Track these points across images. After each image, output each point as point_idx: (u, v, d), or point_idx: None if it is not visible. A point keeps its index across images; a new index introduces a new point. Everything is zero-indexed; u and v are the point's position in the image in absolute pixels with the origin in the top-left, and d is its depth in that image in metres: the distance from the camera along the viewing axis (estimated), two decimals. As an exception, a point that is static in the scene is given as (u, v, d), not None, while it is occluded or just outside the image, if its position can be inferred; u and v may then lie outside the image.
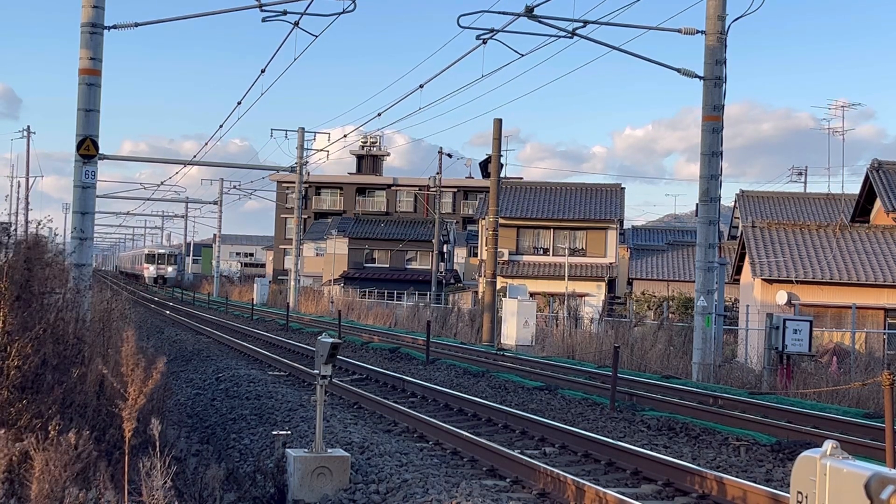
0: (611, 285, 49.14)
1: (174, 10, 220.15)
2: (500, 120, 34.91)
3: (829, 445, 3.95)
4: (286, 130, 50.16)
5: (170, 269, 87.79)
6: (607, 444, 10.98)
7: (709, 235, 21.25)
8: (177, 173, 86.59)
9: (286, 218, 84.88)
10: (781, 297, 28.12)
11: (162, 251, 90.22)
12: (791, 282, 28.77)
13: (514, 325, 30.33)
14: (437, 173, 57.94)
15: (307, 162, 50.48)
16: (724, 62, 21.16)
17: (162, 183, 66.06)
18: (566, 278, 45.92)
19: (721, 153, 21.29)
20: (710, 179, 21.13)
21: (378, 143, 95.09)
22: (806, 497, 3.96)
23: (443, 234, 59.79)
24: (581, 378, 19.40)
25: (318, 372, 9.15)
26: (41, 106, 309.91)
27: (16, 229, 9.74)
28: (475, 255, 64.20)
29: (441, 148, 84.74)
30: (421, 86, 27.27)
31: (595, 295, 47.04)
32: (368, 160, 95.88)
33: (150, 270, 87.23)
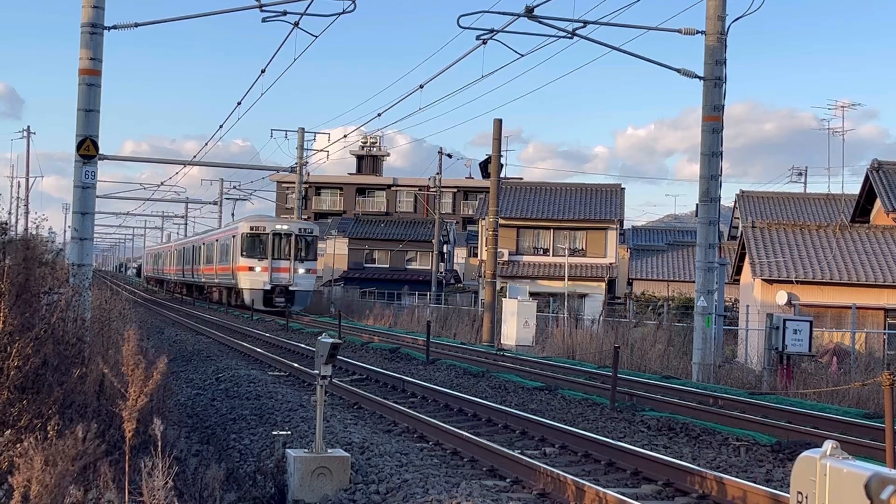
0: (611, 286, 49.14)
1: (174, 11, 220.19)
2: (500, 120, 34.93)
3: (829, 446, 3.96)
4: (286, 131, 50.17)
5: (301, 270, 43.03)
6: (607, 444, 10.98)
7: (709, 236, 21.26)
8: (177, 173, 63.94)
9: (286, 218, 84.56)
10: (781, 297, 28.13)
11: (284, 228, 43.50)
12: (791, 282, 28.78)
13: (514, 326, 30.32)
14: (437, 173, 57.94)
15: (307, 162, 50.47)
16: (725, 62, 21.17)
17: (162, 183, 65.80)
18: (566, 278, 45.91)
19: (721, 153, 21.30)
20: (711, 180, 21.14)
21: (378, 144, 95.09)
22: (806, 497, 3.97)
23: (443, 234, 59.80)
24: (581, 378, 19.40)
25: (318, 372, 9.16)
26: (43, 106, 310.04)
27: (14, 229, 9.75)
28: (475, 255, 64.21)
29: (441, 148, 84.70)
30: (421, 86, 27.26)
31: (595, 296, 47.05)
32: (368, 160, 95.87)
33: (253, 276, 42.62)
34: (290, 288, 42.39)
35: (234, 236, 44.76)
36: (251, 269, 42.59)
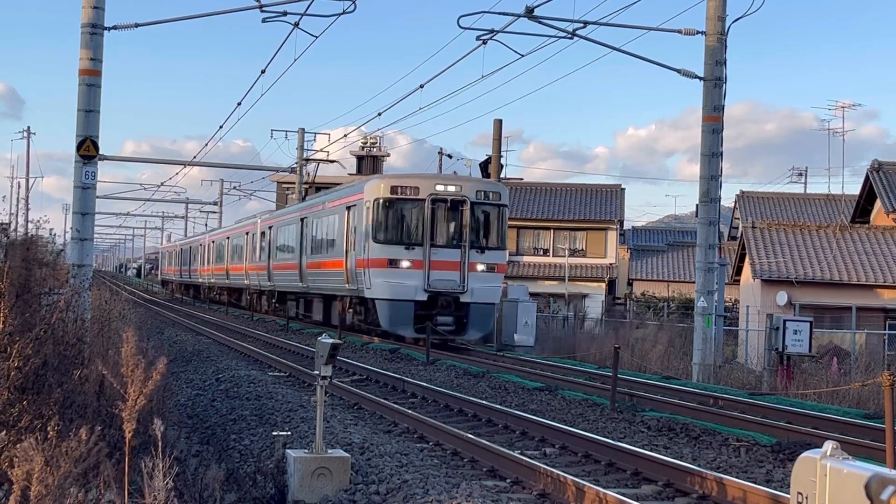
0: (611, 286, 49.15)
1: (174, 11, 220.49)
2: (500, 121, 34.88)
3: (829, 446, 3.96)
4: (286, 131, 50.25)
5: (481, 266, 25.28)
6: (607, 444, 10.98)
7: (709, 236, 21.27)
8: (177, 174, 60.79)
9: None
10: (781, 297, 28.15)
11: (451, 190, 25.31)
12: (791, 282, 28.79)
13: (515, 326, 30.29)
14: (438, 174, 57.91)
15: (307, 162, 50.49)
16: (725, 63, 21.18)
17: (162, 184, 65.82)
18: (566, 279, 45.91)
19: (721, 154, 21.32)
20: (711, 180, 21.16)
21: (378, 144, 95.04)
22: (806, 498, 3.97)
23: (443, 234, 59.64)
24: (581, 379, 19.39)
25: (318, 373, 9.16)
26: (43, 106, 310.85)
27: (15, 229, 9.77)
28: (475, 255, 64.14)
29: (441, 148, 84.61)
30: (421, 86, 27.24)
31: (595, 296, 47.10)
32: (369, 161, 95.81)
33: (395, 278, 24.92)
34: (462, 299, 24.92)
35: (349, 208, 27.24)
36: (392, 263, 24.73)
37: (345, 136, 46.74)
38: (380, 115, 33.05)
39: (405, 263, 24.76)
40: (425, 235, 24.85)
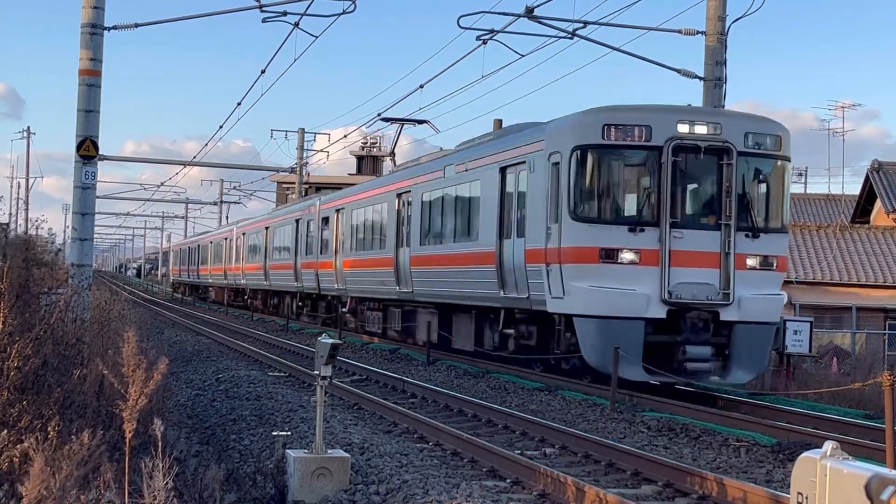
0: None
1: (174, 11, 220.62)
2: (500, 121, 34.76)
3: (829, 446, 3.96)
4: (286, 131, 50.22)
5: (752, 261, 15.67)
6: (607, 444, 10.98)
7: (709, 236, 21.18)
8: (177, 174, 59.79)
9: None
10: (781, 297, 28.11)
11: (703, 131, 15.28)
12: (791, 282, 28.78)
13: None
14: (438, 174, 57.78)
15: (307, 163, 50.50)
16: (725, 63, 21.16)
17: (162, 184, 65.87)
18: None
19: (721, 154, 21.27)
20: (711, 180, 21.10)
21: (378, 144, 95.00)
22: (806, 498, 3.97)
23: (443, 234, 59.37)
24: (581, 379, 19.36)
25: (317, 373, 9.16)
26: (43, 106, 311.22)
27: (15, 230, 9.79)
28: (475, 255, 63.96)
29: (441, 148, 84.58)
30: (421, 86, 27.26)
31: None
32: (369, 161, 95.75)
33: (608, 281, 15.02)
34: (724, 315, 15.59)
35: (506, 169, 18.10)
36: (606, 255, 15.36)
37: (345, 136, 46.65)
38: (380, 115, 33.04)
39: (628, 256, 15.29)
40: (662, 209, 15.27)
